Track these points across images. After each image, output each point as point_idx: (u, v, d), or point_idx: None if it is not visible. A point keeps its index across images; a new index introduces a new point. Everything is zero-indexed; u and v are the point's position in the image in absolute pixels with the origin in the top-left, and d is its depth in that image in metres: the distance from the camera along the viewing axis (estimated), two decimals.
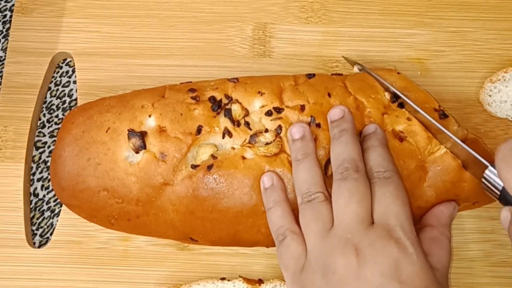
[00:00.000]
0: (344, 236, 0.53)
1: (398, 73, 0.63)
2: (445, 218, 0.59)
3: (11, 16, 0.75)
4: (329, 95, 0.60)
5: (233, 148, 0.59)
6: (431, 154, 0.59)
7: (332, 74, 0.65)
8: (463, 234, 0.65)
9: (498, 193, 0.53)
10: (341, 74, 0.65)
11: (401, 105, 0.61)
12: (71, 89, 0.72)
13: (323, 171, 0.58)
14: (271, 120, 0.60)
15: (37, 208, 0.68)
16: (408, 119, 0.60)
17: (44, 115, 0.71)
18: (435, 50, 0.71)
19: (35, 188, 0.69)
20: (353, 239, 0.52)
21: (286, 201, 0.58)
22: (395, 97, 0.61)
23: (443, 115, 0.60)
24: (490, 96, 0.68)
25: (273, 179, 0.58)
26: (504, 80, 0.67)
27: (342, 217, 0.53)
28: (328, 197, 0.56)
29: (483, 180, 0.54)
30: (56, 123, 0.71)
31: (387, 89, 0.61)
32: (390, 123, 0.60)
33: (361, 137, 0.59)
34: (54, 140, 0.69)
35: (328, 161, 0.58)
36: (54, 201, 0.68)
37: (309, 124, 0.59)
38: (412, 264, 0.51)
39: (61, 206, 0.67)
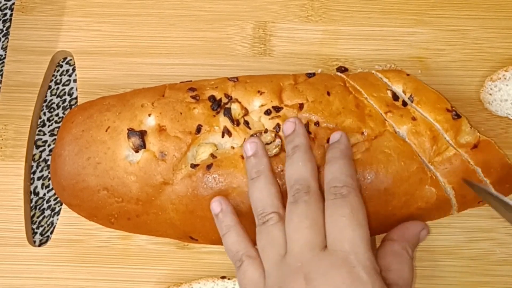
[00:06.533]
0: (295, 264, 0.51)
1: (408, 74, 0.63)
2: (409, 234, 0.58)
3: (11, 15, 0.75)
4: (328, 93, 0.60)
5: (233, 148, 0.59)
6: (438, 155, 0.59)
7: (337, 69, 0.66)
8: (463, 232, 0.65)
9: None
10: (347, 69, 0.65)
11: (405, 103, 0.61)
12: (72, 88, 0.72)
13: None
14: (269, 119, 0.60)
15: (38, 207, 0.68)
16: (413, 118, 0.60)
17: (44, 113, 0.71)
18: (436, 49, 0.71)
19: (36, 187, 0.69)
20: (303, 267, 0.51)
21: (238, 224, 0.57)
22: (396, 95, 0.61)
23: (456, 116, 0.60)
24: (490, 94, 0.67)
25: (221, 204, 0.57)
26: (505, 78, 0.67)
27: (293, 244, 0.52)
28: (284, 216, 0.55)
29: None
30: (56, 122, 0.71)
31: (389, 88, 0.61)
32: (394, 122, 0.60)
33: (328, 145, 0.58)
34: (55, 139, 0.69)
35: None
36: (54, 200, 0.68)
37: (306, 124, 0.59)
38: None
39: (61, 204, 0.67)
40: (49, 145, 0.70)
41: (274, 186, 0.56)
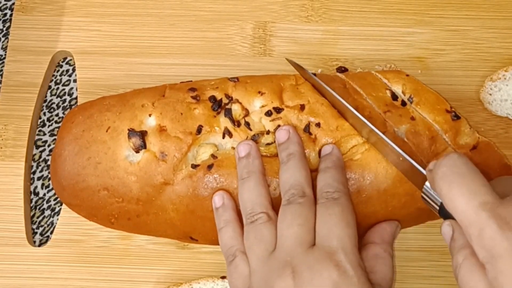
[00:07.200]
0: (284, 259, 0.52)
1: (407, 75, 0.63)
2: (388, 235, 0.59)
3: (11, 15, 0.75)
4: None
5: (233, 148, 0.59)
6: (436, 155, 0.58)
7: (337, 69, 0.66)
8: None
9: (437, 207, 0.51)
10: (346, 70, 0.65)
11: (404, 103, 0.61)
12: (72, 88, 0.72)
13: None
14: (270, 120, 0.60)
15: (38, 207, 0.68)
16: (412, 118, 0.59)
17: (44, 113, 0.71)
18: (436, 49, 0.71)
19: (36, 187, 0.69)
20: (291, 261, 0.51)
21: (236, 221, 0.58)
22: (395, 95, 0.61)
23: (455, 117, 0.60)
24: (490, 94, 0.68)
25: (223, 198, 0.58)
26: (505, 78, 0.67)
27: (284, 240, 0.53)
28: (273, 217, 0.55)
29: (423, 192, 0.52)
30: (56, 122, 0.71)
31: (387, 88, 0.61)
32: (393, 122, 0.60)
33: (320, 157, 0.59)
34: (55, 139, 0.69)
35: None
36: (54, 200, 0.68)
37: (307, 125, 0.59)
38: (352, 286, 0.50)
39: (61, 204, 0.67)
40: (49, 145, 0.70)
41: (264, 187, 0.57)
